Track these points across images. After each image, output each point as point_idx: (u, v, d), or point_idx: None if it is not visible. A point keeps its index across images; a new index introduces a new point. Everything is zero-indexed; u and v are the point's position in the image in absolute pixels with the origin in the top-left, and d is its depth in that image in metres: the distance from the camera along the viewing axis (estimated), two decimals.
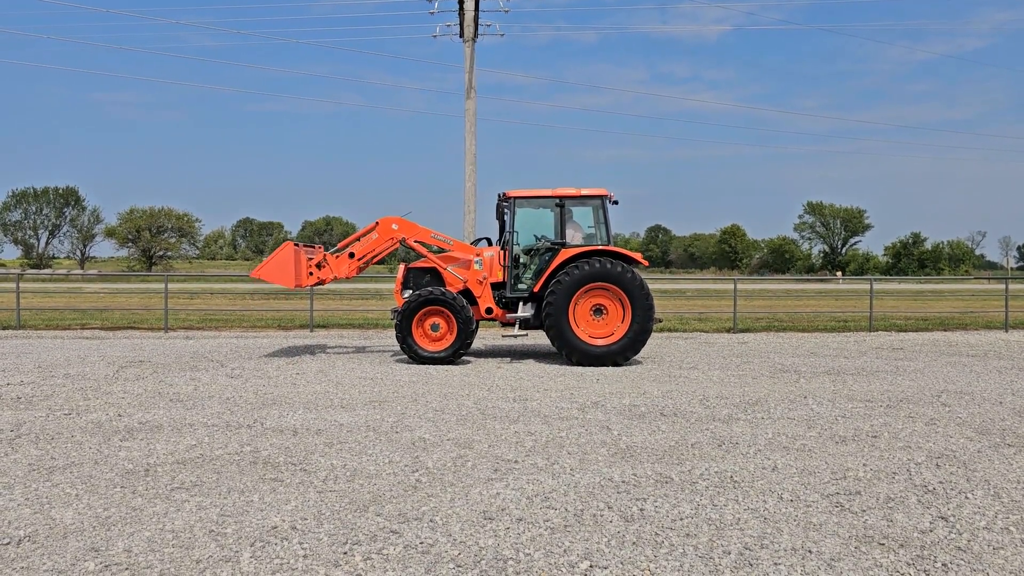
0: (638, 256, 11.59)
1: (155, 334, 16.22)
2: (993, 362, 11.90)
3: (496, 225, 12.99)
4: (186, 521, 4.32)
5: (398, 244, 12.35)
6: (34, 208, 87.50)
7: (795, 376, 10.14)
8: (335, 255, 12.28)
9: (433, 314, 11.35)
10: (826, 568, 3.74)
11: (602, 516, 4.45)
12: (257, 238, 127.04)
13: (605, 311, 11.34)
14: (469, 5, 21.30)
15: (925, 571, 3.73)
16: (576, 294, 11.16)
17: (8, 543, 3.99)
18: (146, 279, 48.59)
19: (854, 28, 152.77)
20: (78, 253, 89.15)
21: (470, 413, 7.44)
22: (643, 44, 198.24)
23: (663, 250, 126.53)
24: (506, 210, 12.05)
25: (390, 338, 15.29)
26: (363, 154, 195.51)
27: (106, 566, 3.71)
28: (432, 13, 22.40)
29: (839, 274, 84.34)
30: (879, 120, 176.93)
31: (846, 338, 16.03)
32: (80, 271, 65.44)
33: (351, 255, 12.20)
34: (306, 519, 4.37)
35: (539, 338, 14.59)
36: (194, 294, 30.68)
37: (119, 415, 7.26)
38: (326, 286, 25.55)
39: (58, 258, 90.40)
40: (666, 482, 5.14)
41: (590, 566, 3.75)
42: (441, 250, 12.55)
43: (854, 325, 18.63)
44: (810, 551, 3.95)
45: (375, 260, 12.62)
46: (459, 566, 3.74)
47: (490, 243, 12.80)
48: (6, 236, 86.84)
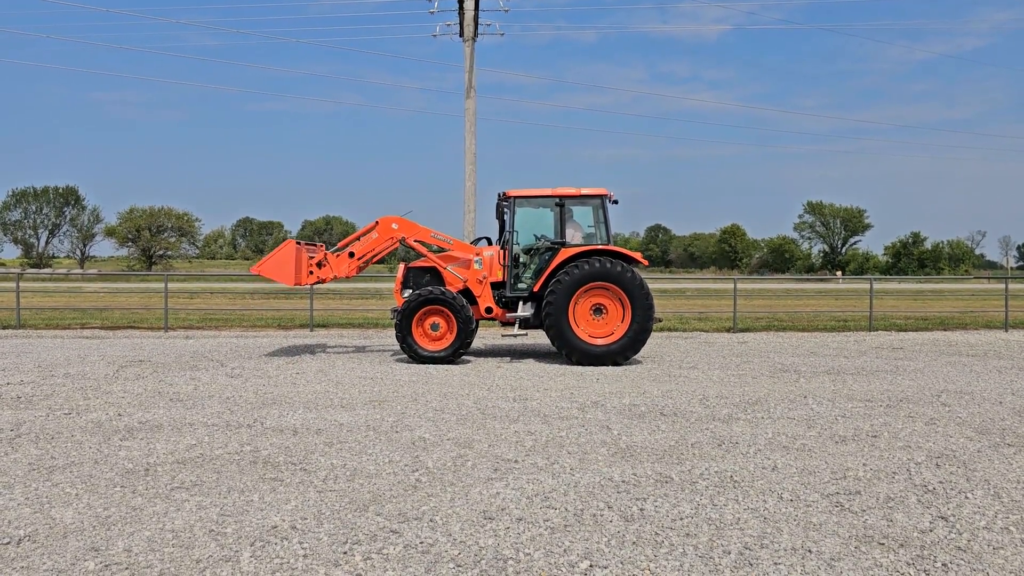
0: (638, 256, 11.59)
1: (155, 334, 16.22)
2: (993, 362, 11.90)
3: (496, 224, 13.00)
4: (186, 521, 4.32)
5: (398, 243, 12.35)
6: (34, 207, 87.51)
7: (795, 376, 10.14)
8: (335, 254, 12.28)
9: (433, 313, 11.35)
10: (826, 568, 3.74)
11: (602, 516, 4.45)
12: (257, 238, 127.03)
13: (605, 311, 11.34)
14: (469, 4, 21.29)
15: (925, 571, 3.73)
16: (576, 294, 11.16)
17: (8, 543, 3.99)
18: (146, 279, 48.58)
19: (854, 28, 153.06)
20: (78, 252, 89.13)
21: (470, 413, 7.44)
22: (643, 44, 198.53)
23: (663, 250, 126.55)
24: (506, 209, 12.05)
25: (390, 337, 15.29)
26: (363, 153, 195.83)
27: (106, 566, 3.72)
28: (432, 12, 22.42)
29: (839, 274, 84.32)
30: (879, 120, 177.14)
31: (846, 338, 16.03)
32: (80, 270, 65.43)
33: (351, 254, 12.20)
34: (306, 519, 4.37)
35: (539, 338, 14.59)
36: (194, 294, 30.68)
37: (119, 415, 7.26)
38: (326, 285, 25.55)
39: (58, 257, 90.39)
40: (666, 482, 5.14)
41: (590, 566, 3.75)
42: (441, 249, 12.55)
43: (854, 325, 18.63)
44: (810, 551, 3.95)
45: (375, 259, 12.63)
46: (459, 566, 3.74)
47: (490, 242, 12.80)
48: (6, 235, 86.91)
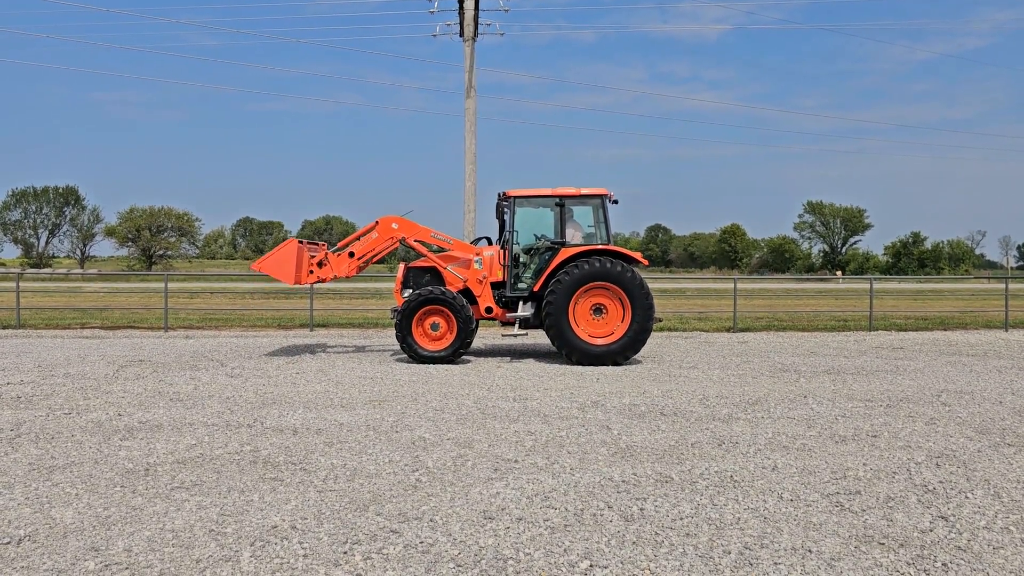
0: (638, 255, 11.58)
1: (155, 333, 16.22)
2: (993, 361, 11.90)
3: (496, 224, 12.99)
4: (186, 520, 4.32)
5: (398, 243, 12.35)
6: (34, 207, 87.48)
7: (795, 375, 10.14)
8: (335, 254, 12.29)
9: (433, 313, 11.35)
10: (826, 568, 3.74)
11: (602, 516, 4.45)
12: (257, 237, 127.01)
13: (605, 310, 11.33)
14: (469, 4, 21.28)
15: (925, 571, 3.73)
16: (576, 293, 11.16)
17: (8, 542, 3.99)
18: (146, 278, 48.57)
19: (854, 27, 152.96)
20: (78, 252, 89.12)
21: (470, 412, 7.44)
22: (643, 43, 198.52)
23: (663, 249, 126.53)
24: (506, 209, 12.05)
25: (390, 337, 15.29)
26: (363, 153, 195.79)
27: (106, 565, 3.72)
28: (432, 12, 22.41)
29: (839, 273, 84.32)
30: (879, 120, 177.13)
31: (846, 337, 16.03)
32: (80, 270, 65.42)
33: (351, 254, 12.19)
34: (306, 518, 4.37)
35: (539, 337, 14.59)
36: (194, 293, 30.67)
37: (119, 414, 7.26)
38: (326, 285, 25.53)
39: (58, 257, 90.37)
40: (666, 482, 5.14)
41: (590, 566, 3.75)
42: (441, 249, 12.54)
43: (854, 324, 18.63)
44: (810, 551, 3.95)
45: (375, 259, 12.62)
46: (459, 565, 3.74)
47: (490, 242, 12.79)
48: (6, 235, 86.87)
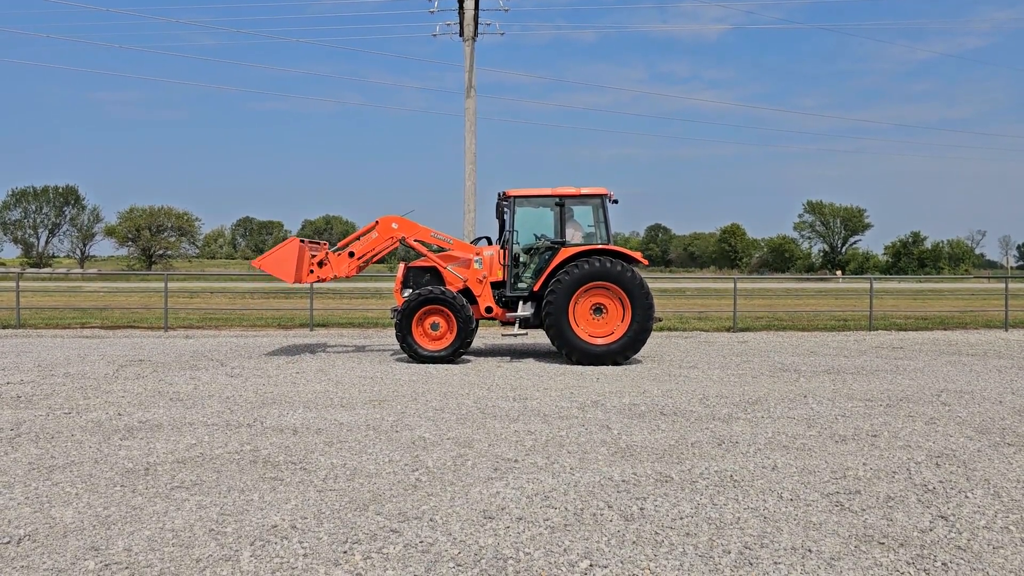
0: (638, 255, 11.58)
1: (155, 333, 16.22)
2: (993, 361, 11.90)
3: (496, 224, 12.99)
4: (186, 520, 4.32)
5: (398, 243, 12.35)
6: (34, 207, 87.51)
7: (795, 375, 10.14)
8: (336, 253, 12.29)
9: (433, 313, 11.35)
10: (826, 567, 3.74)
11: (602, 515, 4.45)
12: (257, 237, 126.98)
13: (605, 310, 11.33)
14: (469, 4, 21.28)
15: (925, 570, 3.74)
16: (576, 293, 11.15)
17: (8, 542, 3.99)
18: (146, 278, 48.57)
19: (854, 27, 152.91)
20: (78, 252, 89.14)
21: (470, 412, 7.44)
22: (643, 43, 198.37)
23: (663, 249, 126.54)
24: (506, 209, 12.04)
25: (390, 337, 15.29)
26: (363, 153, 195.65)
27: (106, 565, 3.71)
28: (432, 12, 22.41)
29: (839, 273, 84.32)
30: (879, 119, 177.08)
31: (846, 337, 16.03)
32: (80, 270, 65.42)
33: (351, 254, 12.19)
34: (306, 518, 4.37)
35: (539, 337, 14.59)
36: (194, 293, 30.67)
37: (119, 414, 7.26)
38: (326, 285, 25.50)
39: (58, 257, 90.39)
40: (666, 481, 5.14)
41: (590, 565, 3.75)
42: (441, 249, 12.54)
43: (854, 324, 18.63)
44: (810, 550, 3.95)
45: (375, 259, 12.62)
46: (459, 565, 3.74)
47: (490, 242, 12.79)
48: (6, 235, 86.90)
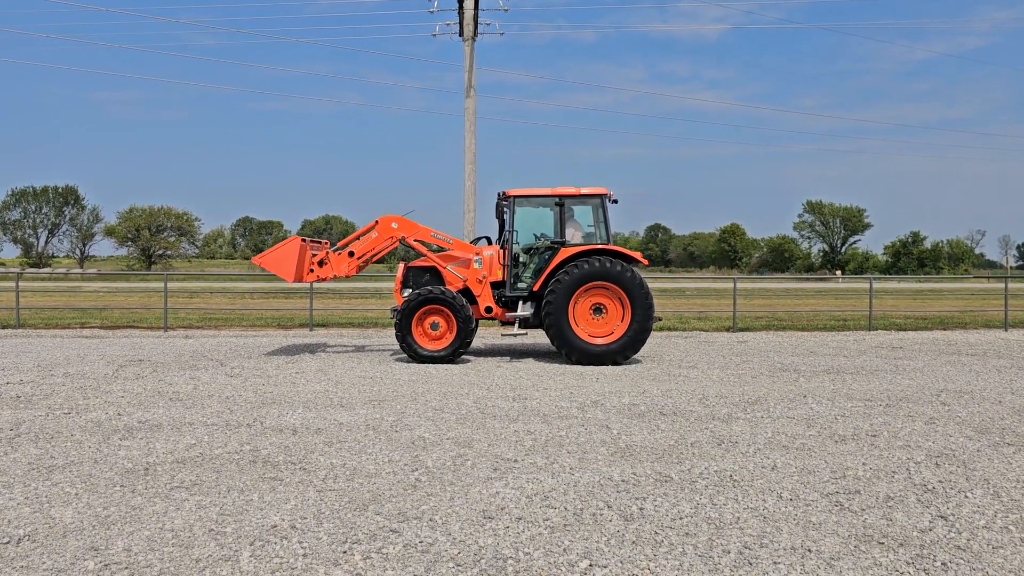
0: (638, 255, 11.58)
1: (154, 333, 16.21)
2: (992, 361, 11.91)
3: (496, 224, 12.99)
4: (186, 520, 4.32)
5: (398, 243, 12.35)
6: (33, 207, 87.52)
7: (794, 375, 10.14)
8: (336, 253, 12.29)
9: (433, 313, 11.35)
10: (826, 567, 3.74)
11: (602, 515, 4.45)
12: (256, 237, 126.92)
13: (605, 310, 11.33)
14: (469, 4, 21.27)
15: (925, 570, 3.74)
16: (576, 293, 11.15)
17: (8, 542, 3.99)
18: (145, 278, 48.56)
19: (854, 27, 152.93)
20: (77, 252, 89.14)
21: (469, 412, 7.44)
22: (643, 43, 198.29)
23: (663, 249, 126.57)
24: (506, 209, 12.04)
25: (389, 337, 15.29)
26: (363, 153, 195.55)
27: (105, 565, 3.71)
28: (432, 12, 22.40)
29: (839, 273, 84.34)
30: (879, 119, 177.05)
31: (845, 337, 16.03)
32: (79, 270, 65.40)
33: (351, 254, 12.19)
34: (306, 518, 4.37)
35: (539, 337, 14.59)
36: (193, 293, 30.66)
37: (119, 414, 7.26)
38: (326, 284, 25.48)
39: (57, 257, 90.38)
40: (666, 481, 5.14)
41: (590, 565, 3.75)
42: (441, 249, 12.54)
43: (853, 324, 18.63)
44: (810, 550, 3.95)
45: (375, 259, 12.62)
46: (459, 565, 3.74)
47: (490, 242, 12.79)
48: (5, 235, 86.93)
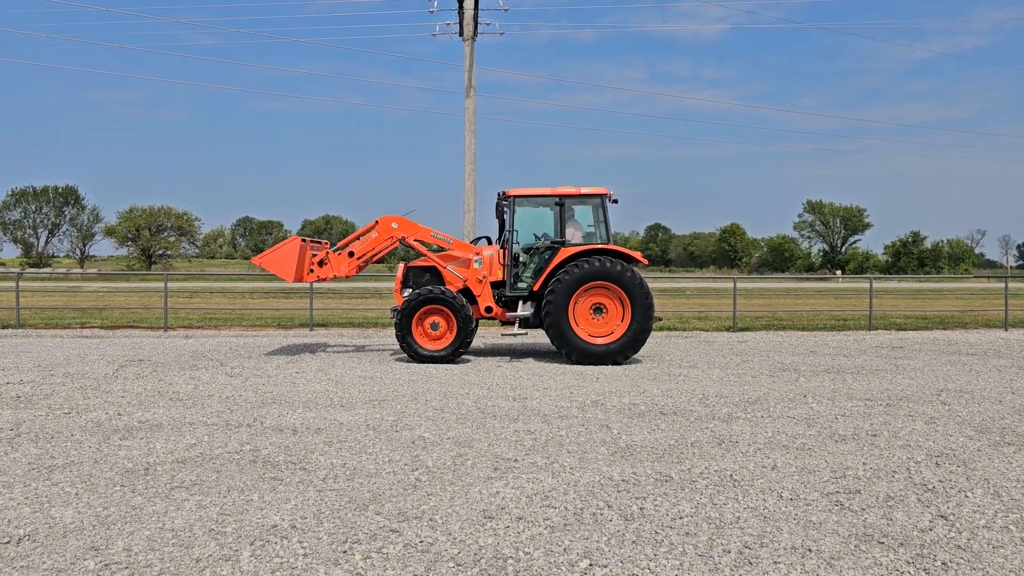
0: (638, 255, 11.58)
1: (155, 333, 16.21)
2: (993, 361, 11.90)
3: (496, 224, 12.99)
4: (186, 520, 4.32)
5: (398, 243, 12.35)
6: (33, 207, 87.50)
7: (795, 375, 10.14)
8: (336, 253, 12.29)
9: (433, 313, 11.35)
10: (826, 567, 3.74)
11: (602, 515, 4.45)
12: (256, 237, 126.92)
13: (605, 310, 11.33)
14: (468, 4, 21.27)
15: (925, 570, 3.73)
16: (576, 293, 11.15)
17: (8, 542, 3.99)
18: (146, 278, 48.57)
19: (853, 27, 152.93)
20: (78, 252, 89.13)
21: (470, 412, 7.44)
22: (643, 43, 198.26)
23: (663, 249, 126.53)
24: (506, 209, 12.04)
25: (390, 337, 15.29)
26: (363, 153, 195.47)
27: (106, 565, 3.71)
28: (432, 12, 22.39)
29: (839, 273, 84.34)
30: (879, 119, 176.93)
31: (846, 337, 16.03)
32: (80, 270, 65.41)
33: (351, 254, 12.19)
34: (306, 518, 4.37)
35: (539, 337, 14.59)
36: (194, 293, 30.66)
37: (119, 414, 7.26)
38: (326, 284, 25.46)
39: (58, 257, 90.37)
40: (666, 481, 5.14)
41: (590, 565, 3.75)
42: (441, 249, 12.54)
43: (854, 324, 18.63)
44: (810, 550, 3.95)
45: (375, 259, 12.62)
46: (459, 565, 3.74)
47: (490, 242, 12.79)
48: (5, 235, 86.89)
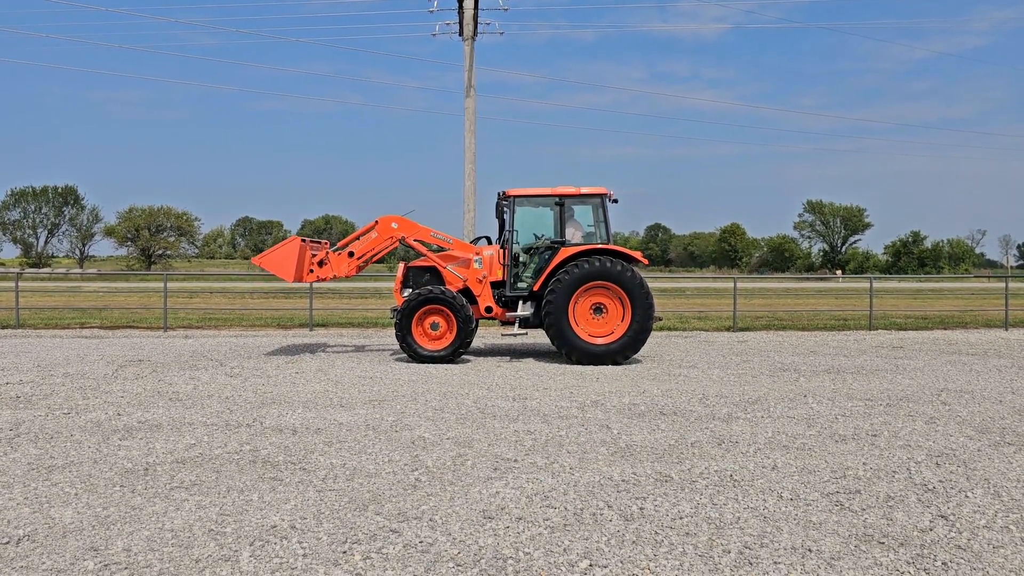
0: (638, 255, 11.58)
1: (154, 333, 16.21)
2: (993, 361, 11.90)
3: (496, 224, 12.99)
4: (185, 520, 4.31)
5: (398, 243, 12.35)
6: (33, 207, 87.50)
7: (795, 375, 10.14)
8: (336, 253, 12.29)
9: (433, 313, 11.34)
10: (826, 567, 3.74)
11: (602, 515, 4.45)
12: (256, 237, 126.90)
13: (605, 310, 11.33)
14: (468, 3, 21.26)
15: (925, 570, 3.73)
16: (576, 293, 11.15)
17: (7, 542, 3.98)
18: (145, 278, 48.56)
19: (853, 27, 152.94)
20: (77, 252, 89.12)
21: (469, 412, 7.44)
22: (643, 43, 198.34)
23: (663, 249, 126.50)
24: (506, 209, 12.04)
25: (389, 337, 15.29)
26: (363, 153, 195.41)
27: (105, 565, 3.71)
28: (431, 11, 22.40)
29: (839, 273, 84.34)
30: (879, 118, 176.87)
31: (846, 337, 16.03)
32: (79, 270, 65.41)
33: (350, 254, 12.19)
34: (305, 518, 4.37)
35: (539, 337, 14.59)
36: (193, 293, 30.66)
37: (118, 414, 7.26)
38: (326, 284, 25.45)
39: (57, 257, 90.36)
40: (666, 481, 5.14)
41: (590, 565, 3.74)
42: (441, 249, 12.54)
43: (854, 324, 18.62)
44: (810, 550, 3.94)
45: (375, 259, 12.62)
46: (459, 565, 3.74)
47: (490, 242, 12.79)
48: (5, 235, 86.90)
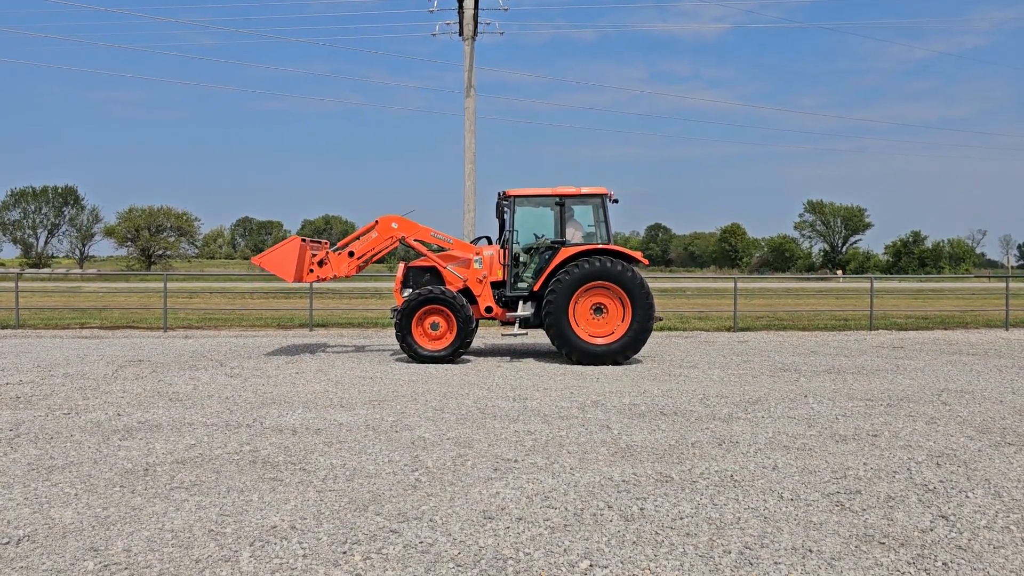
0: (638, 255, 11.58)
1: (154, 333, 16.21)
2: (993, 361, 11.90)
3: (496, 224, 12.98)
4: (185, 521, 4.31)
5: (398, 243, 12.34)
6: (33, 207, 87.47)
7: (795, 375, 10.13)
8: (336, 253, 12.29)
9: (433, 313, 11.34)
10: (826, 567, 3.74)
11: (602, 515, 4.44)
12: (256, 237, 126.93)
13: (605, 310, 11.33)
14: (468, 3, 21.26)
15: (925, 570, 3.73)
16: (576, 293, 11.15)
17: (7, 543, 3.98)
18: (145, 278, 48.57)
19: (853, 26, 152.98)
20: (77, 252, 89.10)
21: (470, 412, 7.43)
22: (643, 42, 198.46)
23: (663, 249, 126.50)
24: (506, 209, 12.04)
25: (389, 337, 15.29)
26: (363, 153, 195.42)
27: (105, 566, 3.71)
28: (432, 11, 22.40)
29: (839, 273, 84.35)
30: (879, 118, 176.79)
31: (846, 337, 16.02)
32: (79, 270, 65.41)
33: (351, 254, 12.18)
34: (305, 518, 4.36)
35: (539, 337, 14.58)
36: (193, 293, 30.66)
37: (118, 414, 7.26)
38: (326, 284, 25.46)
39: (57, 257, 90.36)
40: (666, 481, 5.13)
41: (590, 565, 3.74)
42: (441, 249, 12.54)
43: (854, 324, 18.62)
44: (810, 550, 3.94)
45: (375, 259, 12.61)
46: (459, 565, 3.73)
47: (490, 242, 12.79)
48: (5, 235, 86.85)
